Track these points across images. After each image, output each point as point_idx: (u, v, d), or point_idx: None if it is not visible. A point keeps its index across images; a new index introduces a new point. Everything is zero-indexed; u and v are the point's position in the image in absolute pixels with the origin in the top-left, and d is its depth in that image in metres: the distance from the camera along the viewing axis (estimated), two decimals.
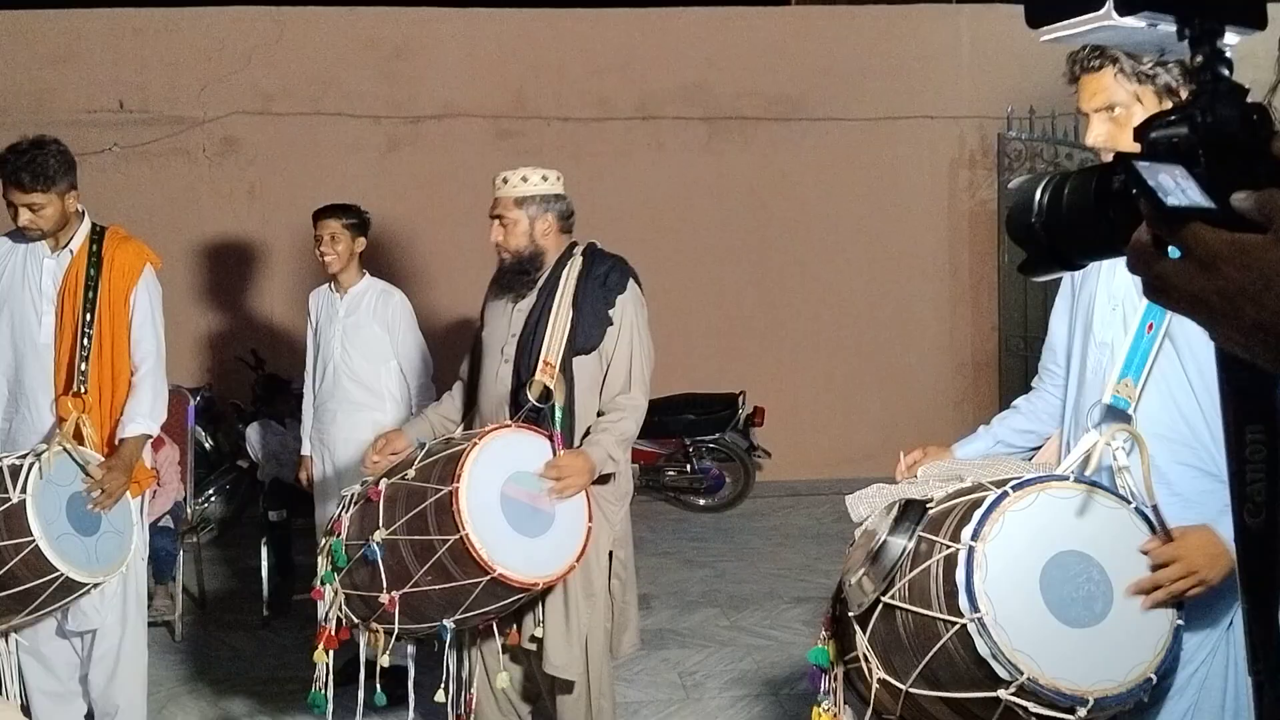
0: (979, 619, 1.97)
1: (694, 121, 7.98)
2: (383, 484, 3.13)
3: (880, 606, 2.15)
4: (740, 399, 7.35)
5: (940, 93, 8.03)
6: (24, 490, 3.11)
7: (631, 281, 3.39)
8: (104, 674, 3.64)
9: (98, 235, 3.61)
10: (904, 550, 2.12)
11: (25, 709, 3.60)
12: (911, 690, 2.12)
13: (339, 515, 3.20)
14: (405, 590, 3.03)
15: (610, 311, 3.31)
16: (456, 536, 2.94)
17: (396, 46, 7.73)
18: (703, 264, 7.91)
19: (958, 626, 2.00)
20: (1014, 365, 8.01)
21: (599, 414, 3.32)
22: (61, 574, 3.14)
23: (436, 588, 3.01)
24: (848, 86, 7.99)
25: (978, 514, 2.05)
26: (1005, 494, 2.07)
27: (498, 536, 2.99)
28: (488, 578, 2.95)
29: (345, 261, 4.49)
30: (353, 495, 3.24)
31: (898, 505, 2.18)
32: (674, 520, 7.20)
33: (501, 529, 3.02)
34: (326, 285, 4.63)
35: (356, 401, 4.45)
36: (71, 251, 3.58)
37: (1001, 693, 1.99)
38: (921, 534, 2.12)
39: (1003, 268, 8.04)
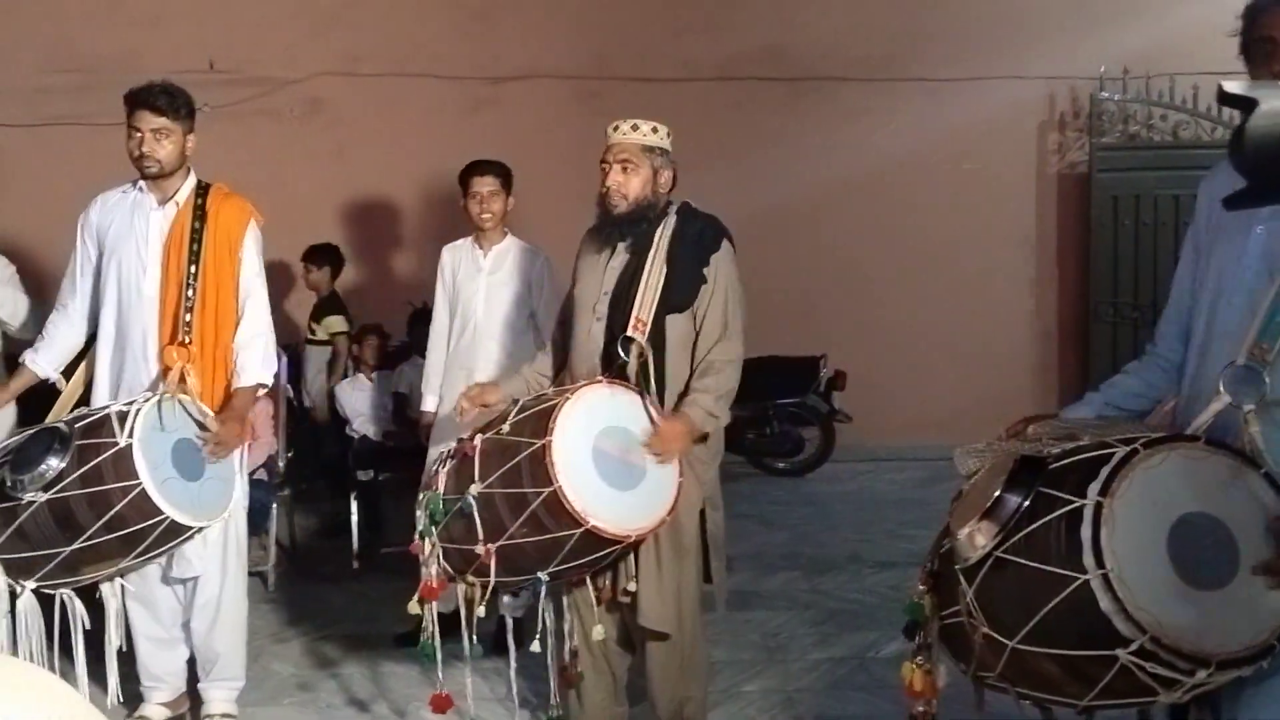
0: (1104, 574, 1.93)
1: (776, 83, 7.88)
2: (478, 439, 3.16)
3: (991, 560, 2.12)
4: (821, 362, 7.30)
5: (1030, 52, 7.83)
6: (131, 435, 3.18)
7: (725, 240, 3.37)
8: (205, 621, 3.74)
9: (202, 190, 3.68)
10: (1020, 505, 2.08)
11: (130, 653, 3.70)
12: (1019, 646, 2.09)
13: (436, 471, 3.24)
14: (501, 543, 3.06)
15: (705, 270, 3.30)
16: (550, 489, 2.96)
17: (480, 7, 7.74)
18: (784, 227, 7.84)
19: (1079, 582, 1.97)
20: (1103, 333, 7.84)
21: (693, 370, 3.32)
22: (167, 517, 3.21)
23: (531, 540, 3.04)
24: (933, 47, 7.83)
25: (1105, 470, 2.00)
26: (1135, 451, 2.02)
27: (590, 489, 3.01)
28: (581, 530, 2.97)
29: (500, 219, 4.51)
30: (449, 451, 3.28)
31: (1014, 460, 2.14)
32: (753, 482, 7.19)
33: (594, 482, 3.03)
34: (466, 241, 4.61)
35: (495, 359, 4.46)
36: (177, 204, 3.66)
37: (1120, 651, 1.95)
38: (1041, 489, 2.08)
39: (1093, 232, 7.86)
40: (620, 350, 3.25)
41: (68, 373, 3.77)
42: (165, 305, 3.60)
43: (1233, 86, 0.99)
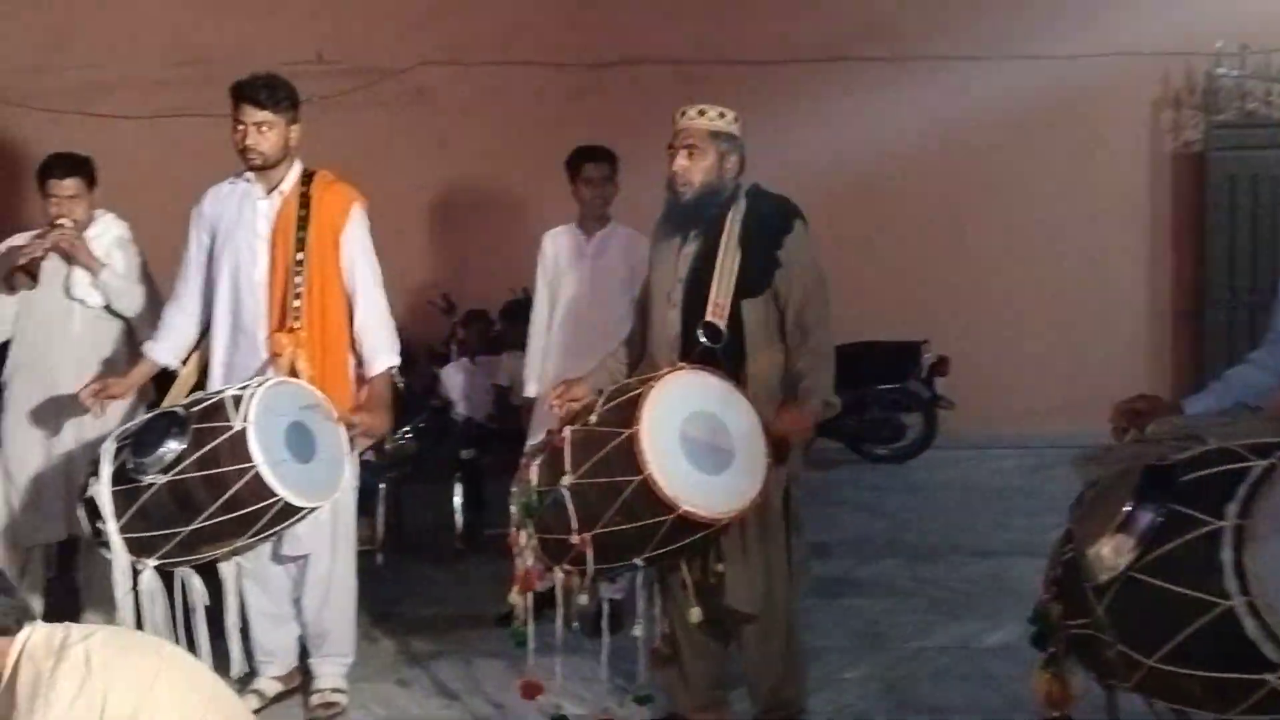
0: (1249, 601, 1.86)
1: (881, 62, 7.77)
2: (566, 431, 3.19)
3: (1124, 578, 2.05)
4: (923, 347, 7.19)
5: (1143, 27, 7.58)
6: (246, 419, 3.28)
7: (798, 221, 3.36)
8: (316, 598, 3.85)
9: (307, 178, 3.77)
10: (1154, 521, 2.01)
11: (245, 629, 3.84)
12: (1158, 666, 2.02)
13: (528, 464, 3.28)
14: (595, 531, 3.09)
15: (778, 253, 3.30)
16: (640, 477, 2.98)
17: None
18: (887, 209, 7.74)
19: (1223, 608, 1.90)
20: (1219, 317, 7.59)
21: (786, 357, 3.32)
22: (281, 499, 3.30)
23: (625, 527, 3.06)
24: (1044, 22, 7.64)
25: (1242, 489, 1.92)
26: (1275, 466, 1.93)
27: (680, 475, 3.03)
28: (673, 515, 2.99)
29: (608, 204, 4.53)
30: (539, 444, 3.32)
31: (1140, 472, 2.06)
32: (852, 469, 7.14)
33: (683, 467, 3.05)
34: (569, 226, 4.64)
35: (597, 345, 4.50)
36: (283, 193, 3.76)
37: (1270, 676, 1.89)
38: (1174, 506, 2.00)
39: (1209, 213, 7.60)
40: (701, 336, 3.26)
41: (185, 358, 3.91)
42: (274, 292, 3.71)
43: None
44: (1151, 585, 2.00)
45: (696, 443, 3.09)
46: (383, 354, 3.81)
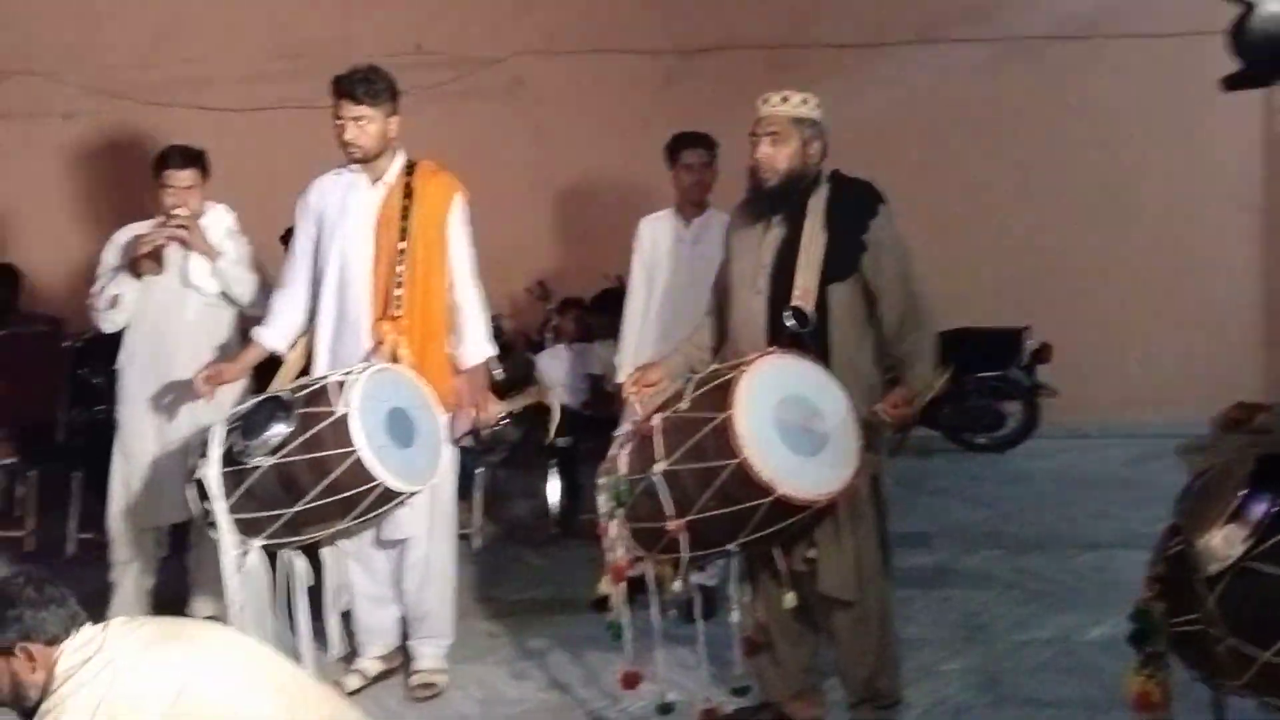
0: None
1: (978, 44, 7.61)
2: (656, 419, 3.19)
3: (1237, 569, 1.99)
4: (1025, 334, 7.04)
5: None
6: (348, 404, 3.35)
7: (882, 204, 3.33)
8: (415, 580, 3.92)
9: (410, 169, 3.84)
10: (1269, 510, 1.94)
11: (347, 610, 3.93)
12: (1274, 660, 1.95)
13: (615, 453, 3.29)
14: (690, 517, 3.09)
15: (864, 236, 3.27)
16: (736, 461, 2.98)
17: None
18: (986, 193, 7.58)
19: None
20: None
21: (879, 339, 3.29)
22: (380, 483, 3.37)
23: (720, 512, 3.06)
24: (1149, 1, 7.40)
25: None
26: None
27: (776, 458, 3.02)
28: (770, 498, 2.98)
29: (706, 190, 4.53)
30: (625, 433, 3.32)
31: (1255, 461, 2.00)
32: (951, 458, 7.02)
33: (779, 451, 3.05)
34: (666, 213, 4.64)
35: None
36: (387, 184, 3.83)
37: None
38: None
39: None
40: (788, 320, 3.23)
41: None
42: (377, 281, 3.78)
43: None
44: (1267, 575, 1.94)
45: (791, 426, 3.08)
46: (480, 343, 3.87)
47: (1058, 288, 7.55)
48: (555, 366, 6.19)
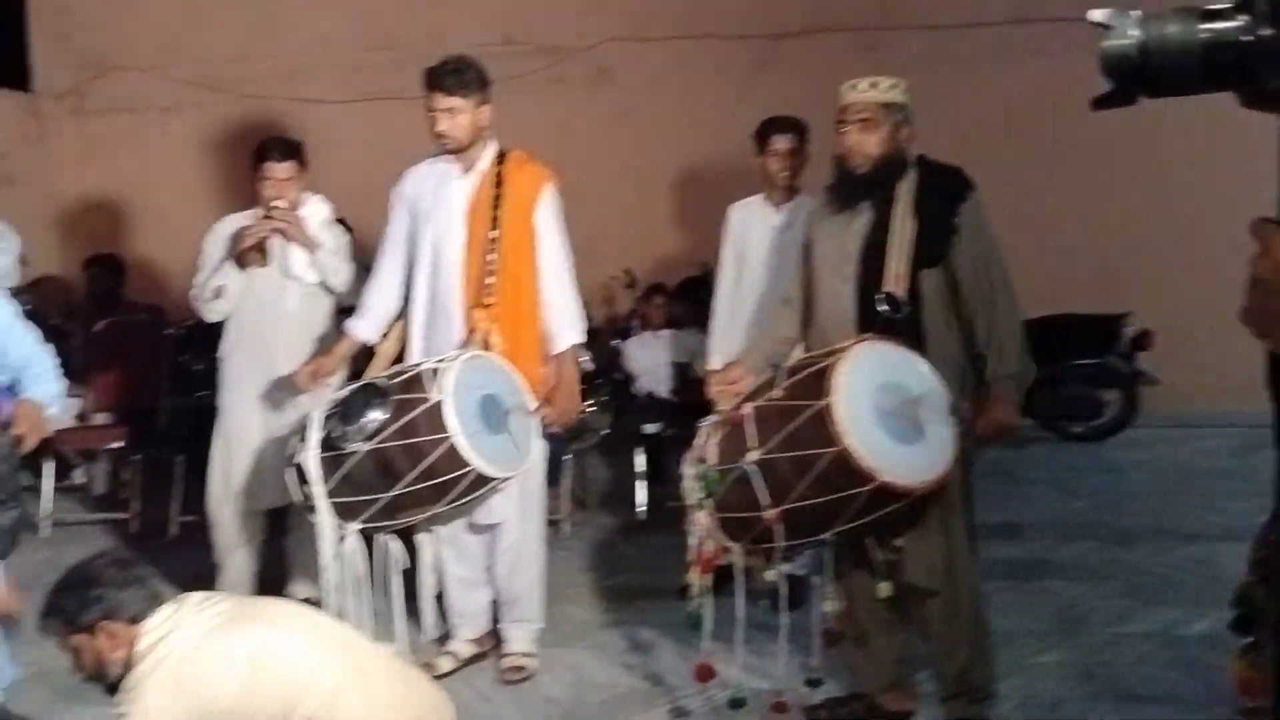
0: None
1: (1077, 22, 7.38)
2: (747, 407, 3.17)
3: None
4: (1124, 320, 6.86)
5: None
6: (442, 391, 3.40)
7: (971, 191, 3.27)
8: (507, 565, 3.97)
9: (501, 158, 3.87)
10: None
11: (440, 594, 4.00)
12: None
13: (703, 444, 3.27)
14: (785, 507, 3.07)
15: (955, 220, 3.22)
16: (837, 449, 2.94)
17: None
18: (1084, 176, 7.39)
19: None
20: None
21: (966, 326, 3.24)
22: (474, 468, 3.41)
23: (817, 501, 3.03)
24: None
25: None
26: None
27: (877, 445, 2.99)
28: (871, 486, 2.95)
29: (796, 176, 4.50)
30: (713, 422, 3.31)
31: None
32: (1046, 447, 6.88)
33: (879, 438, 3.01)
34: (756, 199, 4.60)
35: None
36: (479, 172, 3.87)
37: None
38: None
39: None
40: (880, 306, 3.20)
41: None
42: (470, 270, 3.82)
43: (1095, 15, 1.22)
44: None
45: (889, 413, 3.05)
46: (569, 331, 3.90)
47: (1161, 274, 7.34)
48: (642, 354, 6.21)
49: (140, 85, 8.46)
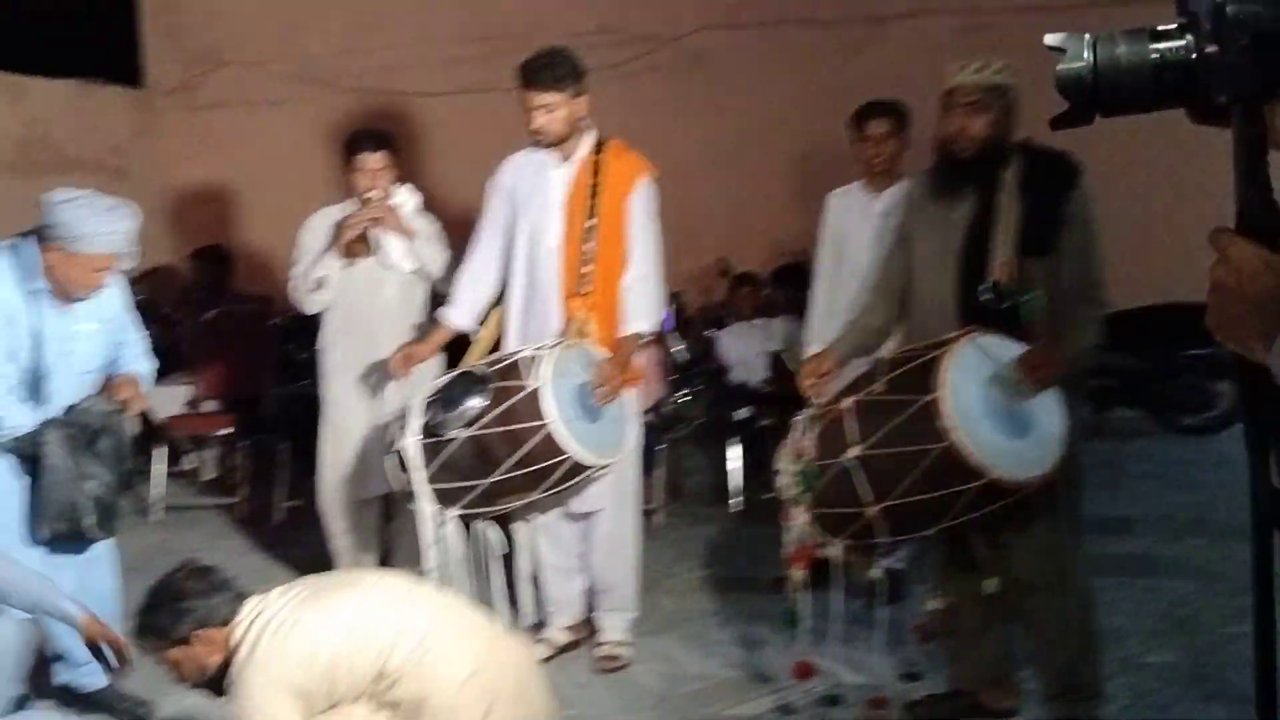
0: None
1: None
2: (846, 402, 3.12)
3: None
4: None
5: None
6: (540, 378, 3.42)
7: (1080, 178, 3.17)
8: (602, 554, 3.99)
9: (599, 147, 3.87)
10: None
11: (534, 580, 4.03)
12: None
13: (800, 438, 3.22)
14: (889, 503, 3.02)
15: (1063, 209, 3.13)
16: (944, 444, 2.89)
17: None
18: (1199, 159, 7.12)
19: None
20: None
21: (1055, 313, 3.14)
22: (570, 456, 3.43)
23: (923, 497, 2.98)
24: None
25: None
26: None
27: (986, 440, 2.93)
28: (981, 482, 2.89)
29: (892, 161, 4.41)
30: (809, 416, 3.25)
31: None
32: (1155, 440, 6.67)
33: (986, 433, 2.95)
34: (855, 186, 4.54)
35: None
36: (576, 161, 3.87)
37: None
38: None
39: None
40: (985, 295, 3.11)
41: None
42: (567, 258, 3.83)
43: (1050, 39, 1.29)
44: None
45: (997, 407, 2.99)
46: (639, 318, 3.83)
47: None
48: (735, 344, 6.18)
49: (247, 79, 8.67)
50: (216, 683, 2.65)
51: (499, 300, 4.02)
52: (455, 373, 3.67)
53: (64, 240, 3.31)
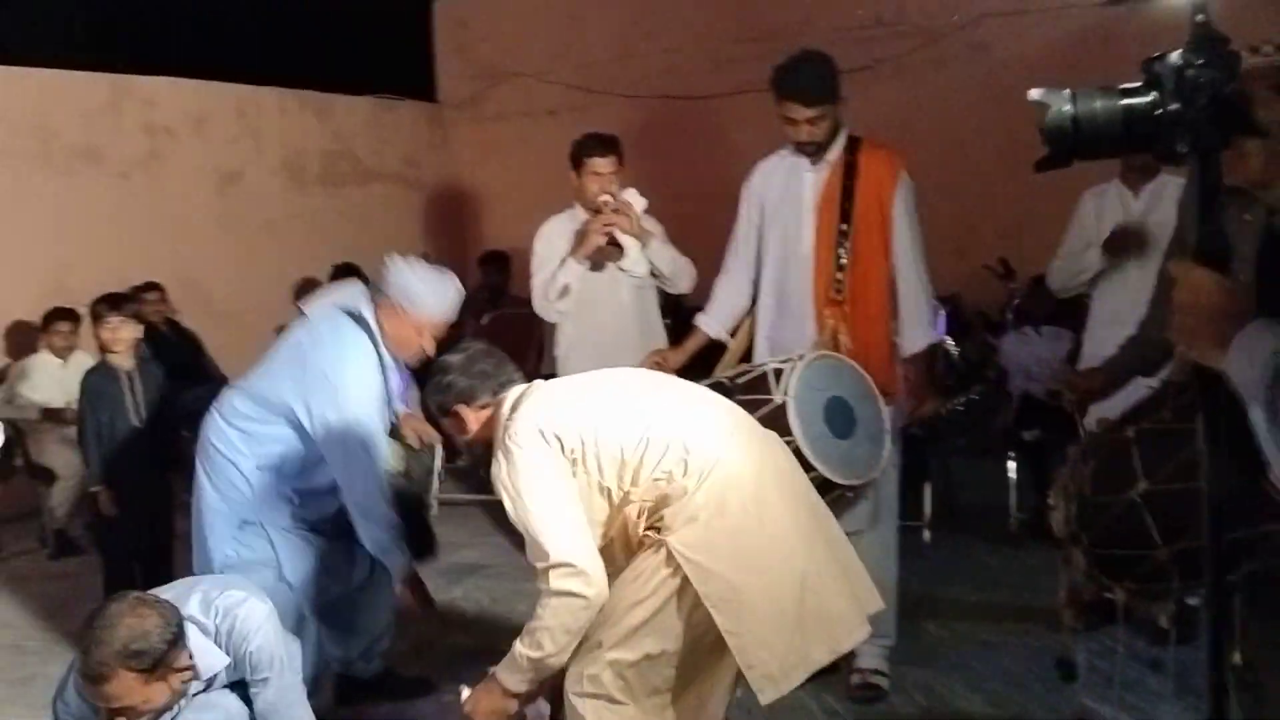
0: None
1: None
2: (1130, 430, 2.77)
3: None
4: None
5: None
6: (786, 392, 3.27)
7: None
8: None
9: (852, 146, 3.67)
10: None
11: None
12: None
13: (1074, 467, 2.90)
14: (1180, 546, 2.67)
15: None
16: None
17: None
18: None
19: None
20: None
21: None
22: (817, 473, 3.25)
23: None
24: None
25: None
26: None
27: None
28: None
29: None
30: (1087, 440, 2.92)
31: None
32: None
33: None
34: (1111, 185, 4.29)
35: None
36: (829, 163, 3.68)
37: None
38: None
39: None
40: None
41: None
42: (820, 264, 3.65)
43: (1034, 94, 1.56)
44: None
45: None
46: (922, 331, 3.65)
47: None
48: (1020, 351, 5.78)
49: (529, 91, 8.98)
50: (479, 456, 2.85)
51: (751, 308, 3.90)
52: (702, 384, 3.57)
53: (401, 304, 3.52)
